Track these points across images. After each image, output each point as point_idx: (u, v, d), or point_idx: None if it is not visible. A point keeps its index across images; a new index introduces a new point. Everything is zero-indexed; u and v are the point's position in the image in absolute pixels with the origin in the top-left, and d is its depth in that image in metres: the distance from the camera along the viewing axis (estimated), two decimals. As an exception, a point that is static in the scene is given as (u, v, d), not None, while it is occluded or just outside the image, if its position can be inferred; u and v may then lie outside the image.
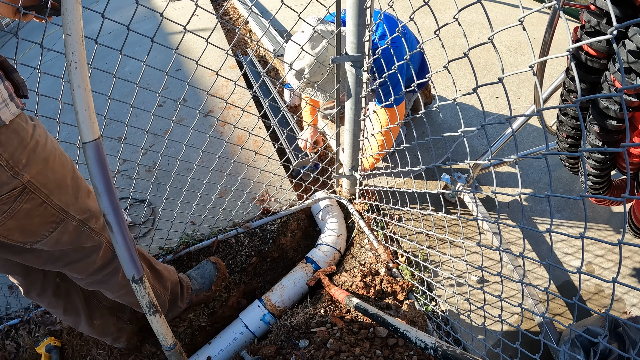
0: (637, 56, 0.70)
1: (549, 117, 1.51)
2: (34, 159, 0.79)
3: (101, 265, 1.05)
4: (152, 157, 2.18)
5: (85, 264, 1.02)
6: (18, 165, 0.76)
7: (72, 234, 0.93)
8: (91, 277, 1.07)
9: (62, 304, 1.17)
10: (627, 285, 0.56)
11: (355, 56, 1.22)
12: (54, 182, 0.85)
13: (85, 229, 0.95)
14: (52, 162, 0.84)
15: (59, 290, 1.15)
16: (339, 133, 1.56)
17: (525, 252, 1.64)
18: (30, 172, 0.78)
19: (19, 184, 0.77)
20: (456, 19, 0.73)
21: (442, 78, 2.57)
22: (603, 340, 0.75)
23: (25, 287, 1.08)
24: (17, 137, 0.76)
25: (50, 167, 0.84)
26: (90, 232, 0.97)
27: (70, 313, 1.20)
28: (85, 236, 0.96)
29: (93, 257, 1.02)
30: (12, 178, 0.75)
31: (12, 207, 0.78)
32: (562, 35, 2.60)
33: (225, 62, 1.44)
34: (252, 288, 1.75)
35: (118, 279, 1.11)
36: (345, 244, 1.76)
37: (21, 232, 0.83)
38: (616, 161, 0.99)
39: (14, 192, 0.76)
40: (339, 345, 1.17)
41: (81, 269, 1.03)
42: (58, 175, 0.86)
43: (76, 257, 0.99)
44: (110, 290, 1.15)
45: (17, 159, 0.75)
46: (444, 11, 3.46)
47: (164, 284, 1.28)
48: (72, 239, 0.94)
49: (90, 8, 0.95)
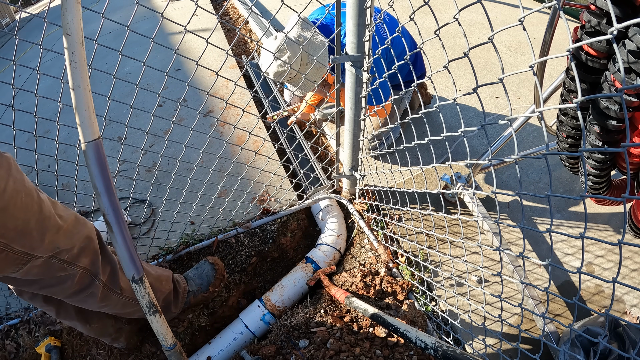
0: (637, 56, 0.70)
1: (549, 117, 1.51)
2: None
3: (78, 290, 1.03)
4: (152, 157, 2.18)
5: (61, 288, 1.00)
6: None
7: (42, 267, 0.90)
8: (69, 298, 1.06)
9: (54, 308, 1.16)
10: (628, 285, 0.56)
11: (355, 56, 1.22)
12: (14, 230, 0.80)
13: (55, 261, 0.92)
14: (12, 209, 0.79)
15: (50, 297, 1.14)
16: (339, 133, 1.56)
17: (526, 252, 1.64)
18: None
19: None
20: (456, 19, 0.73)
21: (442, 78, 2.57)
22: (603, 340, 0.75)
23: (16, 290, 1.07)
24: None
25: (10, 215, 0.79)
26: (61, 264, 0.94)
27: (64, 317, 1.20)
28: (56, 268, 0.93)
29: (68, 284, 0.99)
30: None
31: None
32: (562, 35, 2.60)
33: (225, 62, 1.43)
34: (252, 288, 1.75)
35: (96, 300, 1.09)
36: (345, 244, 1.76)
37: None
38: (616, 161, 0.99)
39: None
40: (339, 345, 1.17)
41: (57, 292, 1.01)
42: (19, 221, 0.81)
43: (51, 282, 0.97)
44: (90, 307, 1.14)
45: None
46: (444, 11, 3.46)
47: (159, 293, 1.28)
48: (42, 271, 0.91)
49: (90, 8, 0.95)
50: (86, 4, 4.80)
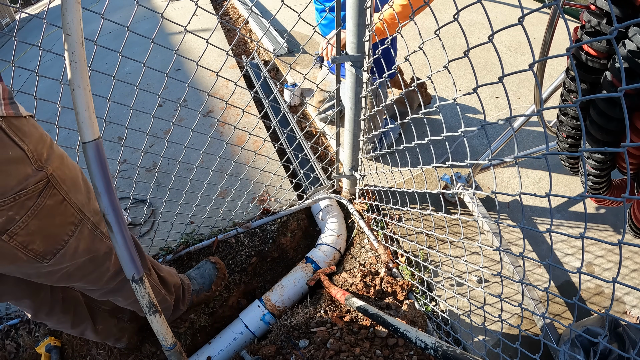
0: (637, 56, 0.70)
1: (549, 117, 1.51)
2: (52, 154, 0.79)
3: (114, 272, 1.03)
4: (152, 157, 2.18)
5: (99, 273, 1.00)
6: (41, 159, 0.76)
7: (87, 239, 0.91)
8: (105, 287, 1.05)
9: (70, 319, 1.16)
10: (628, 285, 0.56)
11: (355, 56, 1.22)
12: (70, 179, 0.85)
13: (98, 232, 0.94)
14: (66, 160, 0.85)
15: (66, 304, 1.14)
16: (339, 133, 1.56)
17: (526, 253, 1.64)
18: (52, 165, 0.78)
19: (44, 177, 0.76)
20: (456, 19, 0.73)
21: (442, 78, 2.57)
22: (603, 340, 0.75)
23: (34, 309, 1.06)
24: (36, 130, 0.76)
25: (66, 165, 0.84)
26: (102, 237, 0.96)
27: (78, 326, 1.20)
28: (98, 241, 0.95)
29: (106, 265, 1.00)
30: (37, 171, 0.75)
31: (37, 202, 0.76)
32: (562, 35, 2.60)
33: (225, 62, 1.43)
34: (252, 288, 1.75)
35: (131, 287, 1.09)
36: (345, 244, 1.76)
37: (43, 238, 0.80)
38: (616, 161, 0.99)
39: (39, 185, 0.76)
40: (339, 345, 1.17)
41: (95, 280, 1.01)
42: (72, 173, 0.86)
43: (90, 267, 0.97)
44: (124, 298, 1.14)
45: (40, 152, 0.75)
46: (444, 11, 3.46)
47: (169, 289, 1.28)
48: (88, 246, 0.92)
49: (90, 8, 0.95)
50: (86, 4, 4.78)
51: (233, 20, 3.94)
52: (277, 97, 2.57)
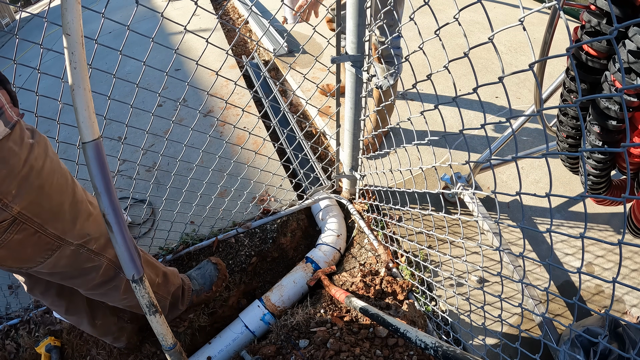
0: (637, 56, 0.70)
1: (549, 117, 1.51)
2: (26, 188, 0.73)
3: (101, 282, 1.02)
4: (152, 157, 2.18)
5: (85, 280, 0.99)
6: (7, 197, 0.70)
7: (70, 257, 0.89)
8: (91, 291, 1.05)
9: (65, 304, 1.16)
10: (628, 285, 0.56)
11: (355, 56, 1.22)
12: (49, 210, 0.79)
13: (84, 251, 0.91)
14: (48, 189, 0.78)
15: (63, 290, 1.14)
16: (339, 133, 1.56)
17: (526, 253, 1.64)
18: (21, 203, 0.73)
19: (8, 216, 0.72)
20: (456, 19, 0.73)
21: (442, 78, 2.57)
22: (603, 340, 0.75)
23: (28, 285, 1.07)
24: (5, 166, 0.69)
25: (46, 195, 0.78)
26: (89, 254, 0.93)
27: (73, 313, 1.20)
28: (83, 258, 0.92)
29: (92, 275, 0.99)
30: (1, 210, 0.70)
31: (2, 238, 0.73)
32: (562, 35, 2.60)
33: (225, 62, 1.43)
34: (252, 288, 1.75)
35: (119, 293, 1.08)
36: (345, 244, 1.76)
37: (14, 260, 0.79)
38: (616, 161, 0.99)
39: (3, 224, 0.72)
40: (339, 345, 1.17)
41: (80, 284, 1.01)
42: (54, 202, 0.81)
43: (75, 274, 0.96)
44: (111, 302, 1.14)
45: (5, 191, 0.70)
46: (444, 11, 3.46)
47: (168, 289, 1.28)
48: (70, 262, 0.90)
49: (90, 8, 0.95)
50: (86, 3, 4.77)
51: (233, 20, 3.94)
52: (277, 97, 2.57)
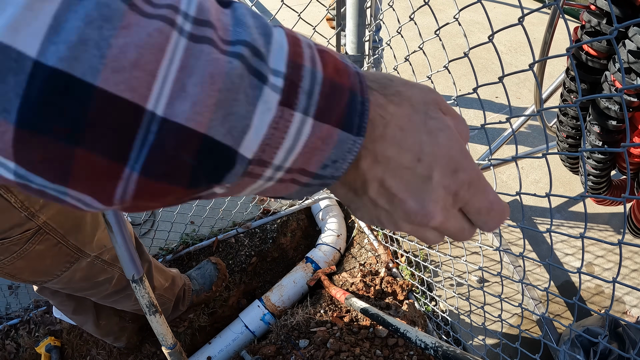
0: (637, 56, 0.70)
1: (549, 117, 1.51)
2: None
3: (113, 291, 1.02)
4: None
5: (97, 291, 0.99)
6: (34, 206, 0.69)
7: (85, 269, 0.88)
8: (102, 300, 1.05)
9: (73, 305, 1.15)
10: (628, 285, 0.56)
11: (355, 56, 1.22)
12: (72, 221, 0.79)
13: (98, 262, 0.91)
14: None
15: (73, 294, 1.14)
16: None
17: (526, 253, 1.63)
18: (48, 212, 0.72)
19: (33, 226, 0.71)
20: (456, 18, 0.73)
21: (442, 78, 2.57)
22: (603, 340, 0.75)
23: (39, 286, 1.07)
24: None
25: None
26: (103, 265, 0.93)
27: (80, 313, 1.19)
28: (97, 269, 0.92)
29: (105, 287, 0.99)
30: (27, 219, 0.69)
31: (23, 248, 0.71)
32: (562, 35, 2.60)
33: (225, 62, 1.43)
34: (252, 288, 1.75)
35: (131, 300, 1.08)
36: (345, 244, 1.76)
37: (31, 273, 0.78)
38: (616, 161, 0.99)
39: (27, 233, 0.70)
40: (339, 345, 1.17)
41: (92, 295, 1.01)
42: (77, 214, 0.80)
43: (87, 286, 0.96)
44: (119, 307, 1.15)
45: (34, 199, 0.68)
46: (444, 11, 3.46)
47: (173, 291, 1.28)
48: (85, 275, 0.89)
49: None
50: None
51: (233, 20, 3.94)
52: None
